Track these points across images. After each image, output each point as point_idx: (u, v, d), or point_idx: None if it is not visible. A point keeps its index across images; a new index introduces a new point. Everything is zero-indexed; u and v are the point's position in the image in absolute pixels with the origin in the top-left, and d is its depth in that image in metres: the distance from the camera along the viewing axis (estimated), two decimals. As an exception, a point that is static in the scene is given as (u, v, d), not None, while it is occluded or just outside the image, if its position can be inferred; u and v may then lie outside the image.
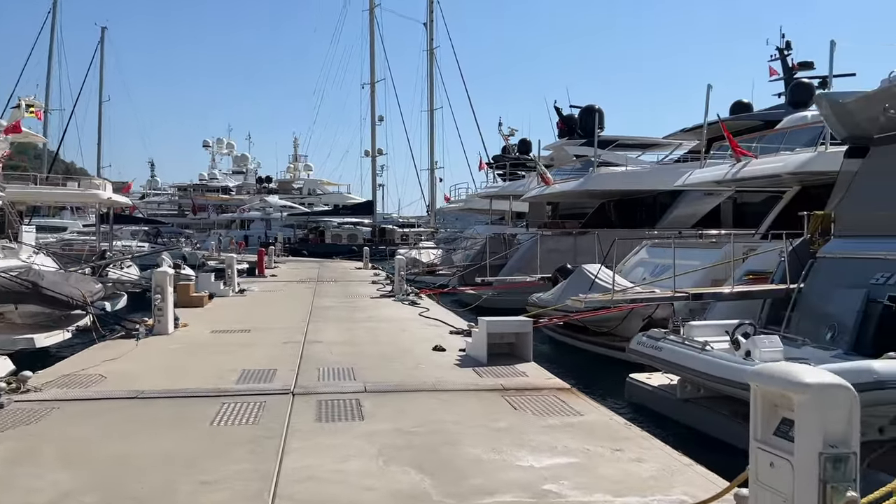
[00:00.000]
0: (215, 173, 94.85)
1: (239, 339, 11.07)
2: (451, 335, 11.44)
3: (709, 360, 7.67)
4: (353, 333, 11.67)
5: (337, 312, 14.76)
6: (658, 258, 15.66)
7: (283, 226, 63.68)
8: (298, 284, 22.85)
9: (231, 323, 12.92)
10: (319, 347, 10.22)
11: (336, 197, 77.91)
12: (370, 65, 62.68)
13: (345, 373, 8.35)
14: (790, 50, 28.04)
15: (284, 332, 11.76)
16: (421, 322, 13.22)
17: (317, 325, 12.72)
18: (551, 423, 6.20)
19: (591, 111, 31.33)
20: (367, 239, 57.99)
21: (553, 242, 21.01)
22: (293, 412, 6.56)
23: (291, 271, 30.09)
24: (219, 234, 58.02)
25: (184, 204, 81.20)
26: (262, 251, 28.88)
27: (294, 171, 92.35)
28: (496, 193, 33.54)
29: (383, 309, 15.62)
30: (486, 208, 37.92)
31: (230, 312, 14.67)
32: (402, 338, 11.22)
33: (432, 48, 60.67)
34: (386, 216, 73.35)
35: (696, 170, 16.89)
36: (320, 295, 18.91)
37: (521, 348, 9.20)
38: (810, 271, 9.73)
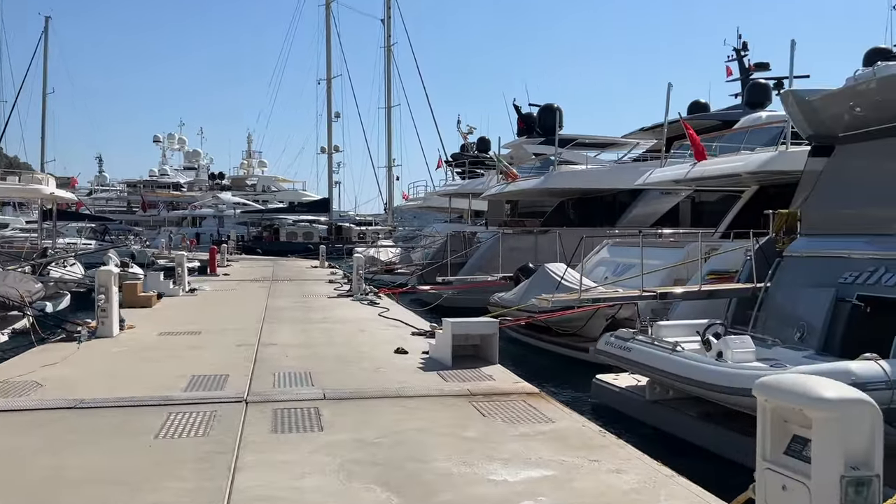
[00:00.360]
0: (166, 169, 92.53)
1: (188, 341, 10.50)
2: (412, 336, 11.05)
3: (681, 362, 7.46)
4: (310, 335, 11.20)
5: (292, 313, 14.24)
6: (619, 257, 15.53)
7: (236, 223, 62.39)
8: (252, 284, 22.18)
9: (180, 324, 12.31)
10: (274, 350, 9.73)
11: (291, 194, 76.71)
12: (326, 60, 61.69)
13: (302, 378, 7.90)
14: (747, 51, 28.41)
15: (237, 333, 11.22)
16: (381, 323, 12.80)
17: (271, 326, 12.20)
18: (523, 431, 5.87)
19: (550, 110, 31.27)
20: (323, 237, 57.11)
21: (514, 241, 20.77)
22: (246, 422, 6.10)
23: (245, 270, 29.30)
24: (169, 231, 56.48)
25: (133, 200, 79.10)
26: (213, 249, 28.05)
27: (248, 167, 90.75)
28: (455, 191, 33.25)
29: (341, 309, 15.15)
30: (444, 206, 37.58)
31: (180, 313, 14.02)
32: (361, 339, 10.79)
33: (389, 45, 60.03)
34: (342, 214, 72.49)
35: (657, 169, 16.84)
36: (275, 295, 18.32)
37: (486, 350, 8.87)
38: (777, 270, 9.63)
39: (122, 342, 10.36)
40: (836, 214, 9.50)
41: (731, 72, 28.39)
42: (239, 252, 47.54)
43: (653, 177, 16.52)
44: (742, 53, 28.37)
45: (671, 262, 13.64)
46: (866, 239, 8.76)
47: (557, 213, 26.08)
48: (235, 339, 10.66)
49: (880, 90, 8.99)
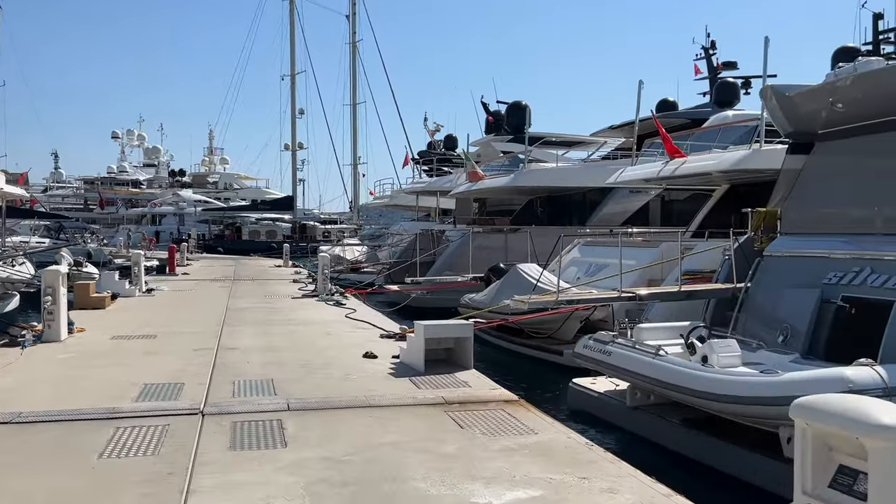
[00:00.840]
0: (125, 166, 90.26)
1: (143, 346, 9.86)
2: (381, 340, 10.56)
3: (665, 367, 7.11)
4: (273, 338, 10.63)
5: (254, 314, 13.63)
6: (591, 257, 15.25)
7: (197, 221, 61.05)
8: (212, 283, 21.42)
9: (135, 327, 11.63)
10: (235, 356, 9.16)
11: (254, 192, 75.43)
12: (290, 56, 60.73)
13: (264, 386, 7.37)
14: (715, 49, 28.46)
15: (195, 337, 10.61)
16: (348, 325, 12.28)
17: (232, 328, 11.60)
18: (505, 444, 5.44)
19: (519, 107, 31.01)
20: (286, 235, 56.17)
21: (483, 240, 20.39)
22: (202, 438, 5.57)
23: (205, 269, 28.43)
24: (128, 229, 54.92)
25: (90, 198, 77.06)
26: (173, 248, 27.15)
27: (209, 164, 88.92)
28: (423, 189, 32.78)
29: (306, 310, 14.58)
30: (412, 204, 37.13)
31: (135, 315, 13.32)
32: (327, 343, 10.27)
33: (355, 41, 59.16)
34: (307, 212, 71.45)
35: (628, 167, 16.59)
36: (236, 295, 17.64)
37: (460, 355, 8.44)
38: (757, 270, 9.37)
39: (70, 347, 9.68)
40: (818, 213, 9.28)
41: (699, 70, 28.45)
42: (200, 251, 46.39)
43: (624, 175, 16.27)
44: (710, 52, 28.43)
45: (645, 262, 13.37)
46: (848, 238, 8.53)
47: (526, 212, 25.81)
48: (193, 343, 10.06)
49: (861, 86, 8.78)
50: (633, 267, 13.47)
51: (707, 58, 28.46)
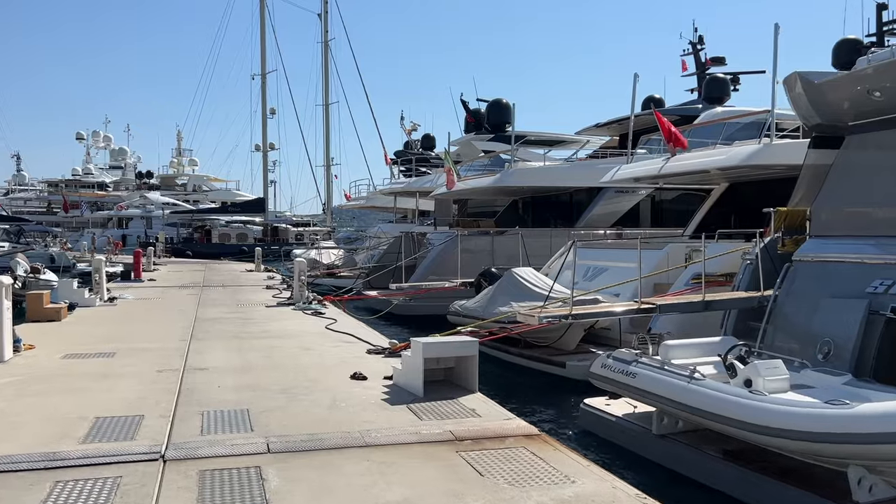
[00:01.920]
0: (90, 168, 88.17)
1: (98, 366, 8.66)
2: (369, 356, 9.50)
3: (707, 394, 6.15)
4: (247, 355, 9.50)
5: (226, 326, 12.46)
6: (588, 260, 14.31)
7: (165, 224, 59.27)
8: (180, 291, 20.11)
9: (92, 343, 10.42)
10: (203, 378, 8.03)
11: (224, 194, 73.77)
12: (261, 54, 59.10)
13: (238, 418, 6.26)
14: (703, 45, 27.80)
15: (159, 355, 9.44)
16: (329, 338, 11.18)
17: (201, 344, 10.44)
18: (540, 500, 4.42)
19: (500, 105, 30.08)
20: (258, 238, 54.71)
21: (468, 243, 19.38)
22: (162, 496, 4.47)
23: (173, 275, 27.02)
24: (92, 233, 53.04)
25: (54, 201, 74.82)
26: (138, 252, 25.70)
27: (178, 165, 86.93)
28: (401, 190, 31.68)
29: (282, 321, 13.43)
30: (389, 206, 36.02)
31: (93, 328, 12.08)
32: (309, 361, 9.17)
33: (327, 40, 57.80)
34: (279, 214, 70.03)
35: (624, 165, 15.71)
36: (206, 304, 16.42)
37: (463, 375, 7.42)
38: (787, 277, 8.48)
39: (13, 370, 8.46)
40: (854, 213, 8.42)
41: (686, 66, 27.78)
42: (168, 255, 44.74)
43: (620, 173, 15.37)
44: (698, 47, 27.78)
45: (649, 265, 12.48)
46: (893, 241, 7.67)
47: (510, 213, 24.89)
48: (156, 362, 8.90)
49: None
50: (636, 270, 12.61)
51: (695, 53, 27.81)
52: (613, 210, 20.56)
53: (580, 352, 11.45)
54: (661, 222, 20.81)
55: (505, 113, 29.91)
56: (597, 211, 20.68)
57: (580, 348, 11.45)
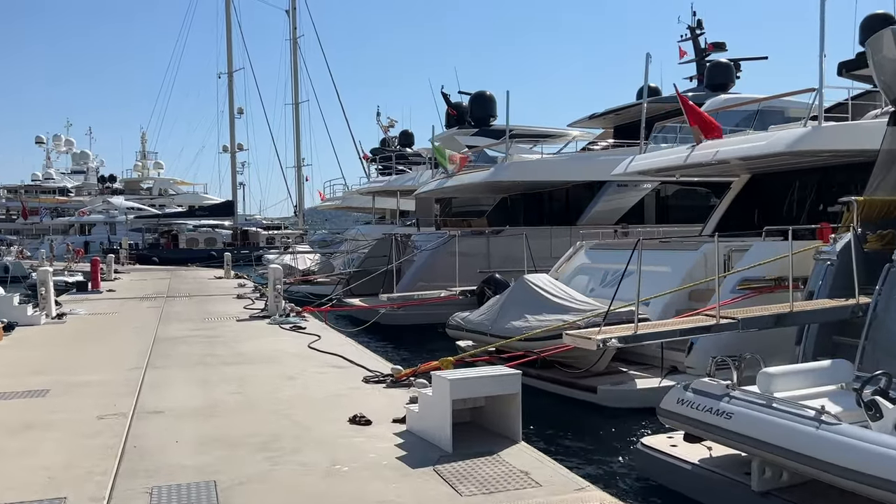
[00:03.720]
0: (51, 173, 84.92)
1: (22, 412, 6.75)
2: (367, 385, 7.72)
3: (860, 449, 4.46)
4: (215, 390, 7.65)
5: (190, 348, 10.56)
6: (604, 263, 12.67)
7: (129, 230, 56.69)
8: (141, 303, 18.06)
9: (22, 375, 8.48)
10: (157, 427, 6.18)
11: (191, 197, 71.31)
12: (227, 52, 56.79)
13: (201, 498, 4.45)
14: (702, 29, 26.36)
15: (105, 391, 7.55)
16: (314, 361, 9.35)
17: (158, 373, 8.55)
18: None
19: (483, 98, 28.46)
20: (227, 243, 52.47)
21: (460, 244, 17.59)
22: None
23: (135, 284, 24.88)
24: (51, 240, 50.29)
25: (13, 207, 71.68)
26: (96, 260, 23.52)
27: (142, 169, 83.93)
28: (381, 189, 29.80)
29: (257, 339, 11.55)
30: (366, 206, 34.16)
31: (29, 354, 10.09)
32: (292, 395, 7.34)
33: (295, 37, 55.76)
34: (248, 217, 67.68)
35: (638, 156, 14.08)
36: (168, 318, 14.44)
37: (500, 418, 5.68)
38: (886, 281, 6.88)
39: None
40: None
41: (684, 53, 26.33)
42: (133, 262, 42.32)
43: (636, 164, 13.73)
44: (697, 32, 26.33)
45: (682, 268, 10.87)
46: None
47: (500, 212, 23.21)
48: (99, 402, 7.02)
49: None
50: (667, 275, 10.98)
51: (693, 38, 26.36)
52: (617, 206, 18.99)
53: (610, 372, 9.77)
54: (667, 218, 19.29)
55: (489, 106, 28.33)
56: (599, 207, 19.07)
57: (609, 368, 9.76)
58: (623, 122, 22.42)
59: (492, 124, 27.67)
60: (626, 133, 22.43)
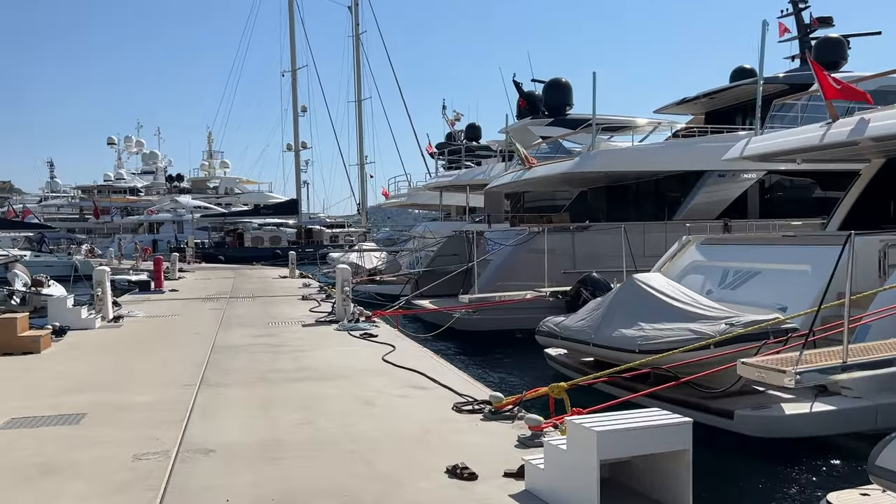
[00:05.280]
0: (122, 173, 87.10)
1: (45, 448, 5.55)
2: (461, 416, 6.26)
3: None
4: (278, 419, 6.32)
5: (251, 360, 9.33)
6: (722, 260, 10.89)
7: (196, 228, 57.04)
8: (203, 304, 17.12)
9: (60, 394, 7.36)
10: (205, 473, 4.86)
11: (256, 196, 71.60)
12: (291, 50, 56.38)
13: None
14: (806, 3, 23.95)
15: (147, 417, 6.32)
16: (393, 379, 7.95)
17: (213, 394, 7.30)
18: None
19: (558, 85, 26.73)
20: (291, 241, 52.10)
21: (541, 241, 15.97)
22: None
23: (199, 283, 24.18)
24: (119, 238, 50.81)
25: (86, 207, 73.48)
26: (158, 259, 22.87)
27: (209, 168, 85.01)
28: (449, 184, 28.38)
29: (325, 349, 10.27)
30: (432, 203, 32.83)
31: (74, 366, 9.03)
32: (371, 429, 5.94)
33: (358, 33, 54.86)
34: (312, 216, 67.49)
35: (755, 138, 12.20)
36: (230, 322, 13.36)
37: (659, 477, 4.14)
38: None
39: (-86, 455, 5.39)
40: None
41: (785, 30, 23.96)
42: (198, 260, 42.19)
43: (752, 148, 11.85)
44: (800, 6, 23.93)
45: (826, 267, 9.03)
46: None
47: (578, 206, 21.50)
48: (139, 435, 5.77)
49: None
50: (806, 274, 9.18)
51: (796, 13, 23.97)
52: (718, 198, 17.06)
53: (746, 392, 8.05)
54: (772, 212, 17.26)
55: (565, 93, 26.61)
56: (698, 200, 17.16)
57: (744, 387, 8.04)
58: (717, 106, 20.44)
59: (568, 113, 25.92)
60: (720, 119, 20.42)
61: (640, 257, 14.42)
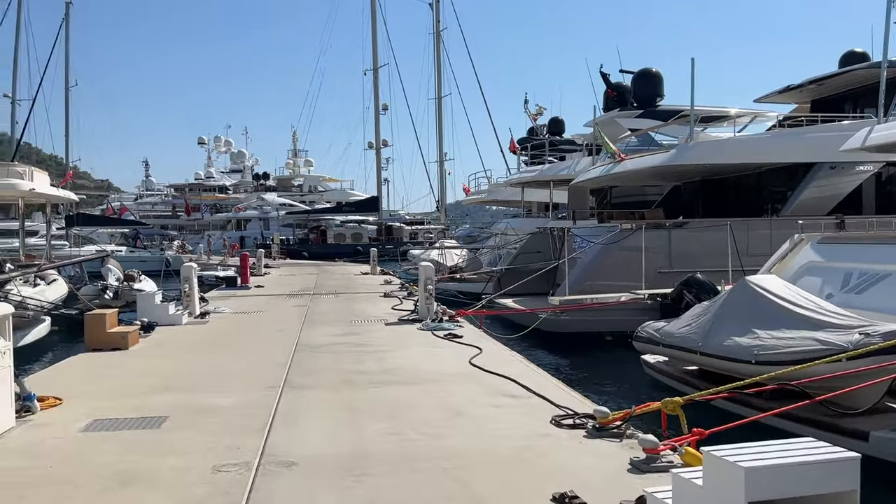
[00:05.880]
0: (211, 172, 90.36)
1: (126, 453, 5.30)
2: (561, 431, 5.69)
3: None
4: (364, 427, 5.91)
5: (335, 360, 9.02)
6: (844, 261, 9.85)
7: (281, 225, 58.33)
8: (287, 300, 17.12)
9: (145, 393, 7.20)
10: (287, 489, 4.49)
11: (338, 193, 72.69)
12: (372, 48, 56.85)
13: None
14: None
15: (229, 422, 6.04)
16: (483, 386, 7.43)
17: (296, 397, 6.98)
18: None
19: (648, 76, 25.59)
20: (372, 238, 52.47)
21: (636, 239, 15.10)
22: None
23: (284, 279, 24.41)
24: (208, 235, 52.44)
25: (178, 205, 76.41)
26: (245, 255, 23.15)
27: (293, 167, 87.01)
28: (531, 179, 27.66)
29: (409, 349, 9.87)
30: (512, 199, 32.16)
31: (160, 364, 8.93)
32: (465, 444, 5.44)
33: (439, 30, 54.74)
34: (392, 213, 67.91)
35: (878, 126, 11.05)
36: (313, 320, 13.18)
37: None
38: None
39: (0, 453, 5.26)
40: None
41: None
42: (283, 256, 43.00)
43: (877, 137, 10.71)
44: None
45: None
46: None
47: (671, 202, 20.44)
48: (220, 443, 5.47)
49: None
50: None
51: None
52: (830, 193, 15.74)
53: (880, 410, 7.14)
54: (890, 208, 15.80)
55: (655, 84, 25.47)
56: (807, 194, 15.87)
57: (881, 405, 7.13)
58: (825, 94, 18.99)
59: (658, 104, 24.76)
60: (827, 107, 18.93)
61: (743, 256, 13.44)
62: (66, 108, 52.74)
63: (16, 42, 44.21)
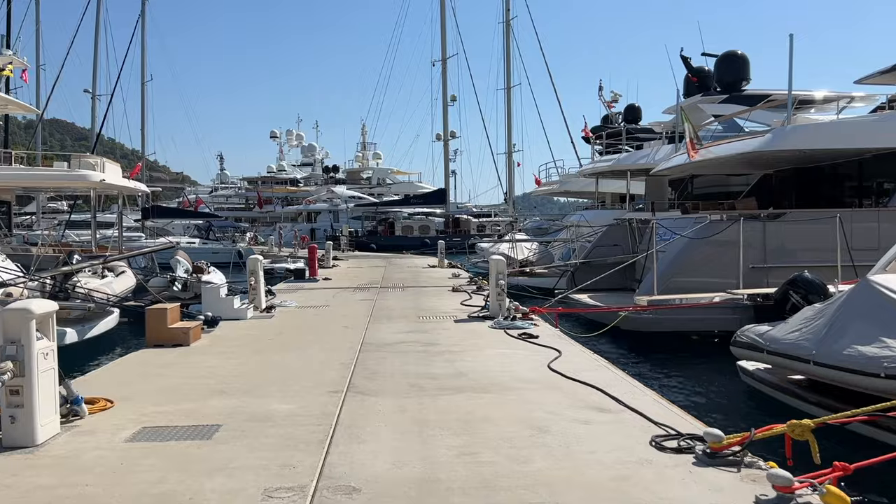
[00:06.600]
0: (283, 165, 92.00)
1: (169, 470, 4.76)
2: (665, 455, 4.85)
3: None
4: (435, 444, 5.21)
5: (402, 361, 8.38)
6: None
7: (350, 217, 58.56)
8: (354, 294, 16.67)
9: (199, 396, 6.71)
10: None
11: (406, 186, 72.60)
12: (441, 38, 56.30)
13: None
14: None
15: (286, 435, 5.44)
16: (566, 395, 6.63)
17: (360, 405, 6.35)
18: None
19: (733, 58, 24.01)
20: (439, 230, 52.03)
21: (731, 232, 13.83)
22: None
23: (351, 272, 24.09)
24: (279, 227, 53.05)
25: (251, 197, 77.94)
26: (313, 248, 22.91)
27: (363, 159, 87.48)
28: (607, 169, 26.47)
29: (480, 350, 9.14)
30: (585, 189, 30.99)
31: (218, 363, 8.47)
32: (552, 470, 4.67)
33: (508, 19, 53.63)
34: (460, 205, 67.33)
35: None
36: (379, 315, 12.62)
37: None
38: None
39: (38, 467, 4.79)
40: None
41: None
42: (352, 248, 43.04)
43: None
44: None
45: None
46: None
47: (761, 191, 19.02)
48: (275, 459, 4.87)
49: None
50: None
51: None
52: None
53: None
54: None
55: (741, 67, 23.89)
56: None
57: None
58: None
59: (744, 89, 23.22)
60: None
61: (845, 250, 12.18)
62: (142, 103, 54.14)
63: (95, 39, 45.52)
